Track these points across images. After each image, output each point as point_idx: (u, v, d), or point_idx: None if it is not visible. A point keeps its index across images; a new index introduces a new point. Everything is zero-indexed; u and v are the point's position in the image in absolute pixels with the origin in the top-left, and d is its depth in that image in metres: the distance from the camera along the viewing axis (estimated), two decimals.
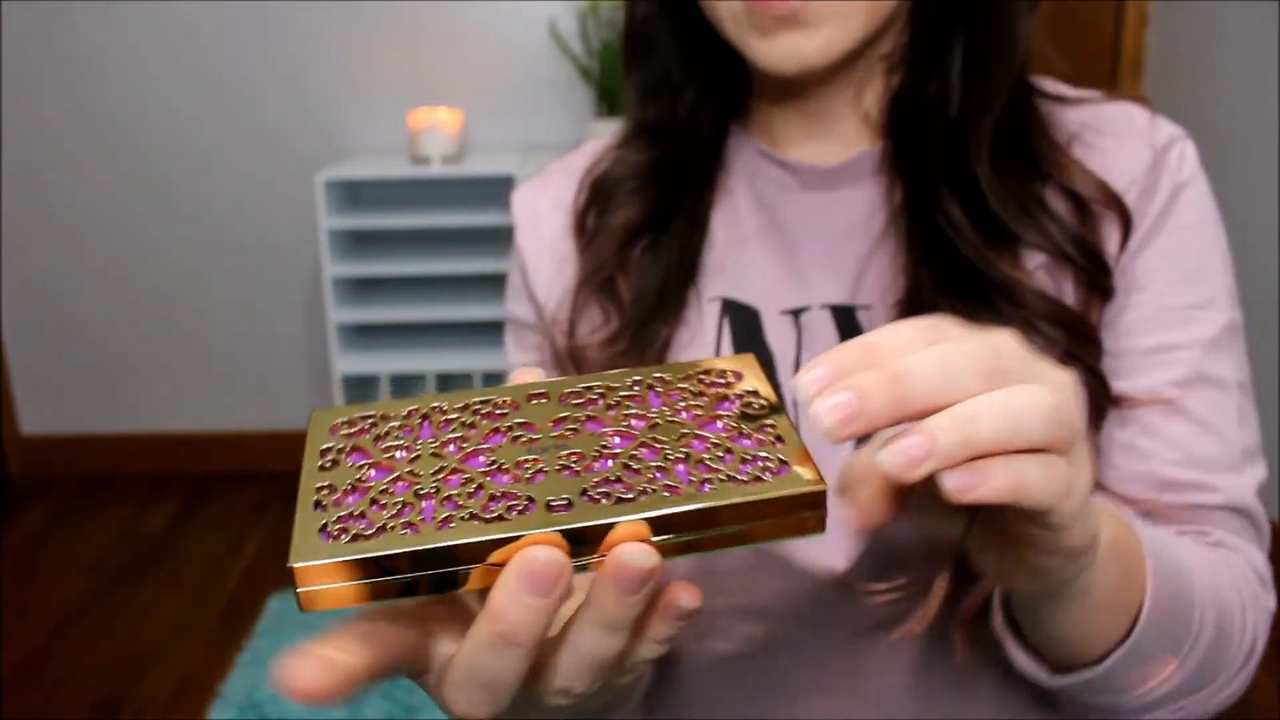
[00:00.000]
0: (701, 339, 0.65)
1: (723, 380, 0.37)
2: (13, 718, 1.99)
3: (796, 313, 0.65)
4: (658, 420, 0.35)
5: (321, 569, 0.31)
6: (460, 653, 0.33)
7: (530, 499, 0.32)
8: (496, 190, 2.58)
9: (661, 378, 0.37)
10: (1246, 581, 0.58)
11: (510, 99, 2.78)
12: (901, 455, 0.30)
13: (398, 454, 0.35)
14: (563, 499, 0.32)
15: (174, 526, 2.73)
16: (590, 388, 0.37)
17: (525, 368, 0.39)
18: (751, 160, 0.69)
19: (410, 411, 0.36)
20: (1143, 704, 0.52)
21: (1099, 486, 0.60)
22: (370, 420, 0.36)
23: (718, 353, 0.65)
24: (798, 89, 0.65)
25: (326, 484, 0.34)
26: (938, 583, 0.60)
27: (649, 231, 0.68)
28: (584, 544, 0.32)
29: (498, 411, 0.36)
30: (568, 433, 0.35)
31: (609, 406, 0.36)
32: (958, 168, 0.61)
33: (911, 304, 0.60)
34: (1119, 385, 0.60)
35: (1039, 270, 0.60)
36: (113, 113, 2.77)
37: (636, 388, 0.37)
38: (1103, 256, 0.60)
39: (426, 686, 0.36)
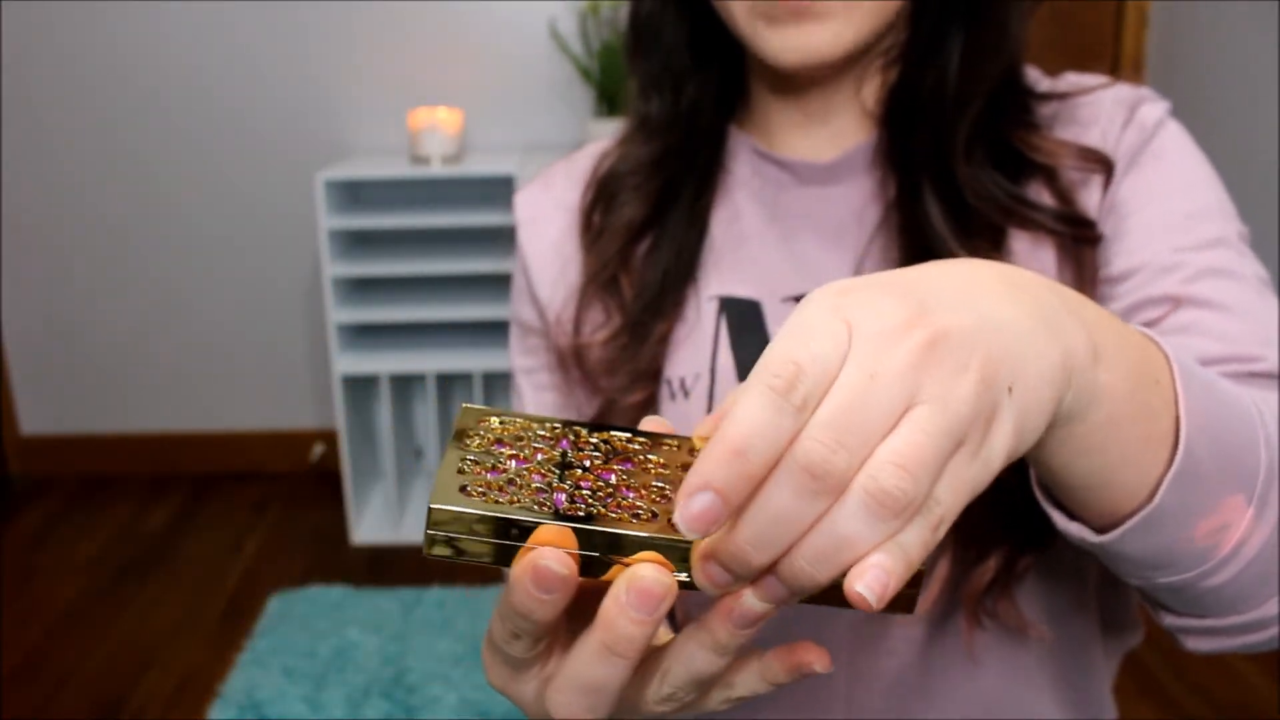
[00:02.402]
0: (699, 336, 0.67)
1: None
2: (13, 718, 1.99)
3: (799, 299, 0.65)
4: None
5: (456, 517, 0.33)
6: (568, 659, 0.35)
7: (654, 514, 0.34)
8: (496, 190, 2.58)
9: None
10: None
11: (510, 99, 2.78)
12: (712, 582, 0.32)
13: (538, 455, 0.37)
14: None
15: (174, 526, 2.73)
16: None
17: (651, 418, 0.40)
18: (749, 160, 0.70)
19: (554, 427, 0.39)
20: (1236, 567, 0.44)
21: None
22: (516, 425, 0.39)
23: (714, 348, 0.66)
24: (799, 83, 0.66)
25: (472, 458, 0.36)
26: (939, 564, 0.61)
27: (651, 229, 0.69)
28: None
29: (631, 445, 0.38)
30: None
31: None
32: (939, 161, 0.62)
33: None
34: (1127, 302, 0.59)
35: (1021, 250, 0.61)
36: (112, 113, 2.77)
37: None
38: (1083, 215, 0.61)
39: (519, 694, 0.39)
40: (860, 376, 0.29)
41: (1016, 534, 0.59)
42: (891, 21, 0.62)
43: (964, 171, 0.62)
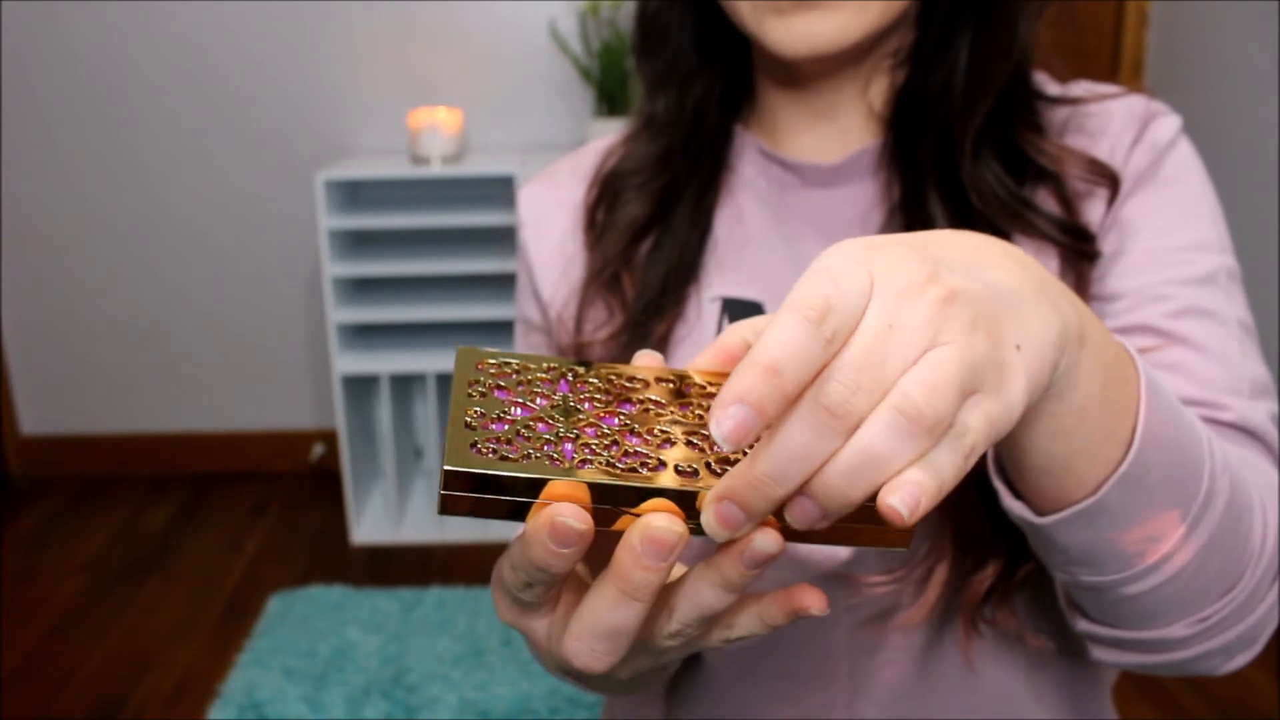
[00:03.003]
0: (700, 337, 0.66)
1: None
2: (13, 718, 1.99)
3: None
4: None
5: (471, 477, 0.33)
6: (583, 608, 0.36)
7: (661, 461, 0.35)
8: (496, 190, 2.58)
9: None
10: (1269, 486, 0.53)
11: (510, 99, 2.78)
12: (723, 524, 0.32)
13: (539, 400, 0.37)
14: (690, 467, 0.35)
15: (174, 526, 2.73)
16: (710, 384, 0.39)
17: (645, 352, 0.41)
18: (754, 161, 0.70)
19: (550, 368, 0.39)
20: (1155, 580, 0.46)
21: None
22: (513, 367, 0.39)
23: None
24: (806, 79, 0.66)
25: (477, 409, 0.36)
26: (937, 572, 0.60)
27: (655, 228, 0.69)
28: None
29: (629, 385, 0.39)
30: (693, 415, 0.38)
31: None
32: (945, 164, 0.62)
33: None
34: (1113, 324, 0.60)
35: (1027, 249, 0.61)
36: (112, 113, 2.77)
37: None
38: (1086, 229, 0.61)
39: (530, 630, 0.40)
40: (880, 325, 0.31)
41: (1016, 541, 0.59)
42: (899, 18, 0.62)
43: (969, 173, 0.61)
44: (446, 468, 0.33)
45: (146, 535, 2.68)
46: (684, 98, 0.69)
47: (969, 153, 0.62)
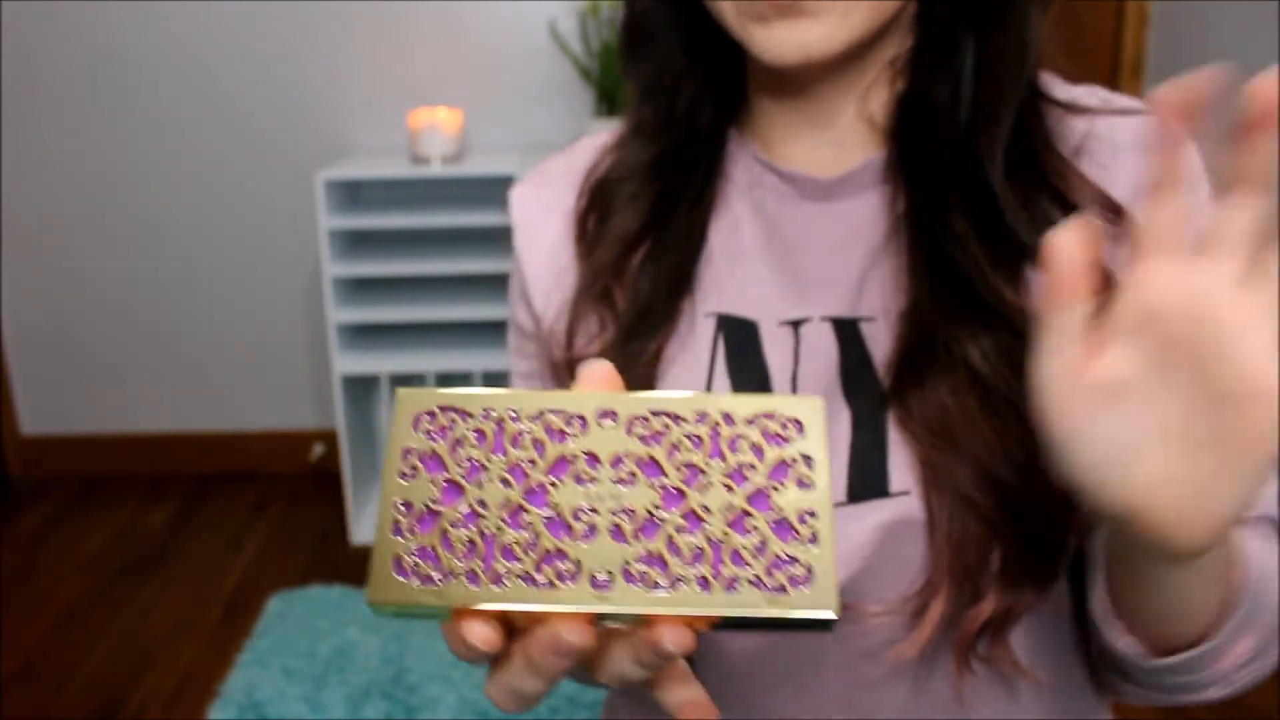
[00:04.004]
0: (695, 353, 0.64)
1: (783, 434, 0.39)
2: (12, 718, 1.99)
3: (796, 324, 0.63)
4: (711, 481, 0.38)
5: (395, 604, 0.37)
6: (503, 669, 0.39)
7: (579, 565, 0.37)
8: (496, 190, 2.57)
9: (728, 414, 0.39)
10: None
11: (510, 99, 2.78)
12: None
13: (469, 473, 0.39)
14: (606, 573, 0.37)
15: (174, 526, 2.73)
16: (656, 414, 0.39)
17: (595, 361, 0.41)
18: (749, 169, 0.67)
19: (486, 411, 0.40)
20: (1213, 682, 0.53)
21: None
22: (450, 416, 0.40)
23: (710, 369, 0.63)
24: (798, 86, 0.64)
25: (405, 501, 0.38)
26: (932, 606, 0.57)
27: (647, 240, 0.66)
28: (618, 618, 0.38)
29: (566, 430, 0.39)
30: (626, 476, 0.39)
31: (671, 446, 0.39)
32: (968, 176, 0.59)
33: (914, 319, 0.59)
34: None
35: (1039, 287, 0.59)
36: (112, 113, 2.77)
37: (701, 424, 0.39)
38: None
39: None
40: None
41: (1015, 575, 0.57)
42: (890, 20, 0.59)
43: (1000, 183, 0.58)
44: (369, 601, 0.37)
45: (146, 535, 2.68)
46: (674, 102, 0.66)
47: (999, 163, 0.58)
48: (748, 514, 0.38)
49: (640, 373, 0.63)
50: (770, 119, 0.67)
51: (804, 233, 0.65)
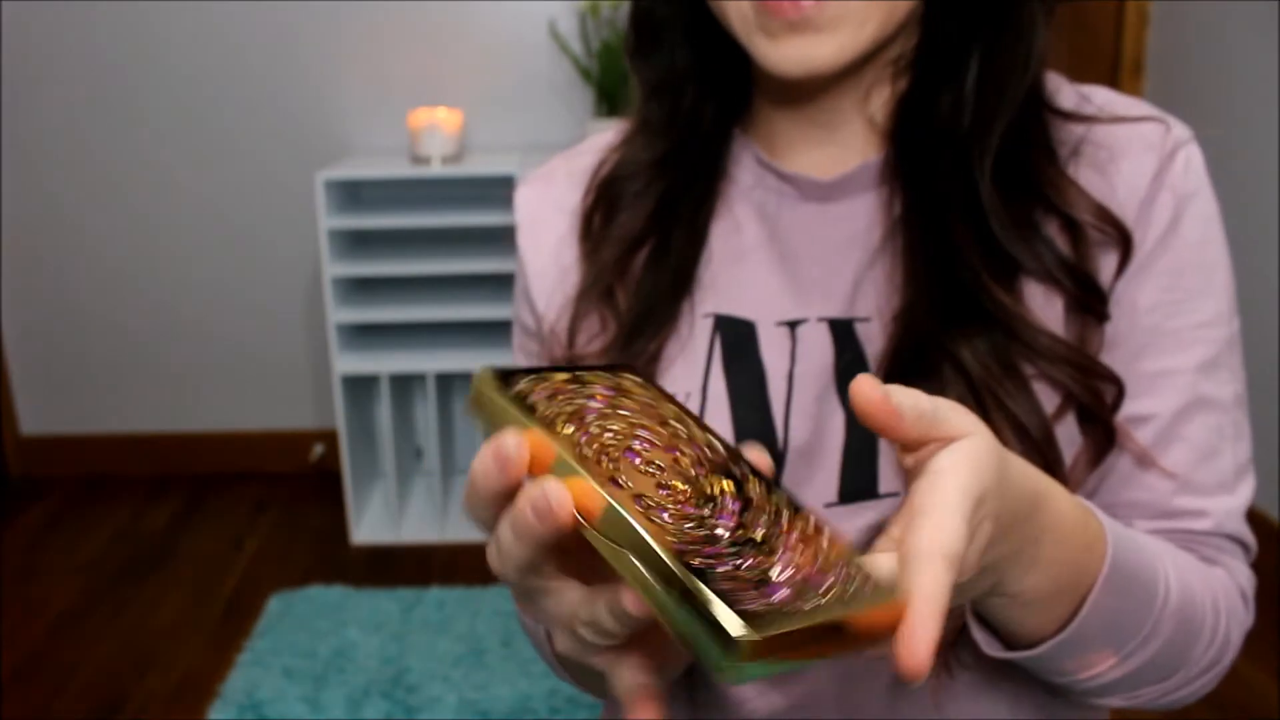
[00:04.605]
0: (692, 353, 0.64)
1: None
2: (12, 718, 1.99)
3: (793, 324, 0.64)
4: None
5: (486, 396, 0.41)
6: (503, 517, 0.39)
7: (626, 484, 0.38)
8: (496, 190, 2.58)
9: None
10: (1228, 595, 0.59)
11: (510, 99, 2.78)
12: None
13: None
14: (638, 495, 0.38)
15: (174, 526, 2.73)
16: (799, 514, 0.40)
17: (755, 447, 0.43)
18: (751, 170, 0.67)
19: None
20: (1086, 687, 0.55)
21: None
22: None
23: (707, 369, 0.64)
24: (803, 93, 0.64)
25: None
26: None
27: (651, 240, 0.67)
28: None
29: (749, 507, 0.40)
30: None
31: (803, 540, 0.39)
32: (965, 180, 0.59)
33: (908, 320, 0.59)
34: (1121, 414, 0.59)
35: (1035, 293, 0.59)
36: (113, 113, 2.77)
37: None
38: (1096, 282, 0.59)
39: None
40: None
41: None
42: (898, 29, 0.59)
43: (986, 191, 0.58)
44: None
45: (146, 535, 2.69)
46: (679, 101, 0.67)
47: (987, 169, 0.58)
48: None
49: (641, 371, 0.63)
50: (773, 121, 0.67)
51: (803, 234, 0.65)
